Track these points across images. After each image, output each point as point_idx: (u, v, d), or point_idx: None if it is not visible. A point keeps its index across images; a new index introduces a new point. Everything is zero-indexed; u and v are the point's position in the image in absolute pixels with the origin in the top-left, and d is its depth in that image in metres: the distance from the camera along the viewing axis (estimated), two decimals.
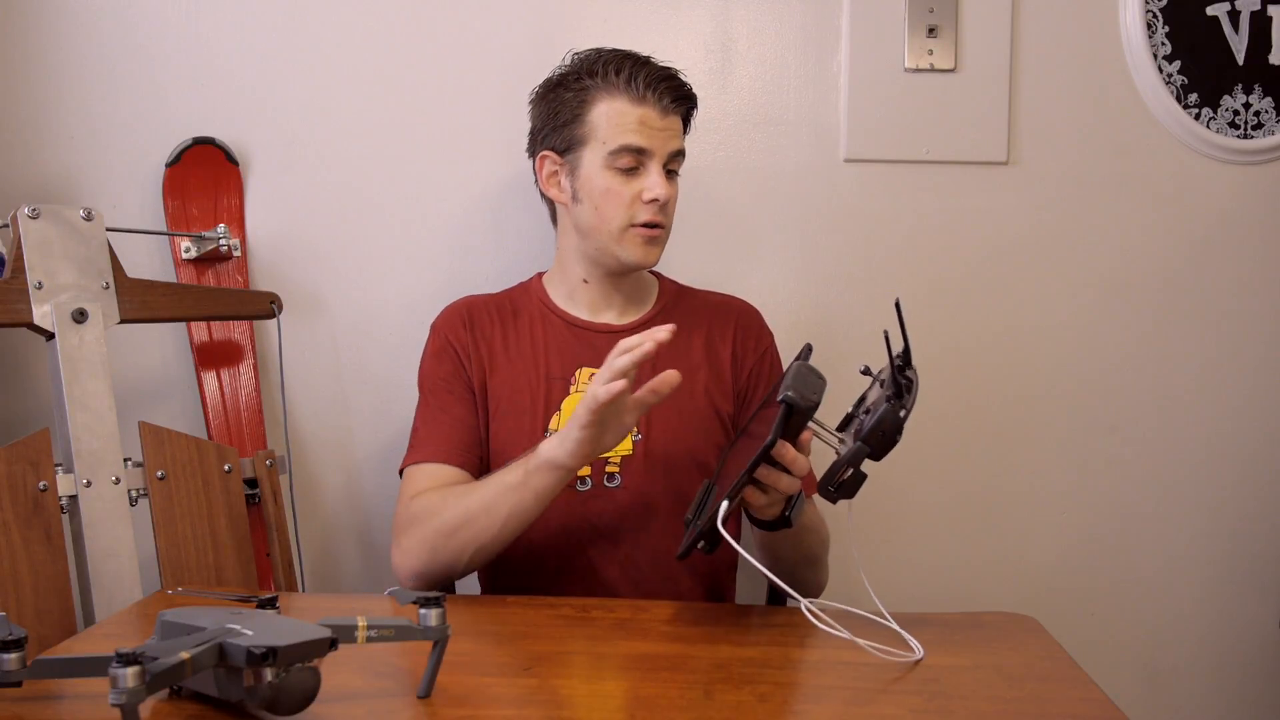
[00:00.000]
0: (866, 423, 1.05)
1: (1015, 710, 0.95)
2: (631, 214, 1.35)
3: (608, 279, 1.42)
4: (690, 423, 1.38)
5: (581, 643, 1.12)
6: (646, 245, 1.36)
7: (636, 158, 1.34)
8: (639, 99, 1.33)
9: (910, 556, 1.75)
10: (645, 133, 1.33)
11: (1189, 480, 1.77)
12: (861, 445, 1.05)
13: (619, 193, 1.34)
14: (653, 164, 1.34)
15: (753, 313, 1.49)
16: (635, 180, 1.34)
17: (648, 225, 1.35)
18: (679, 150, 1.38)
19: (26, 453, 1.33)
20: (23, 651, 0.85)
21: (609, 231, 1.36)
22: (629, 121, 1.33)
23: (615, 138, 1.33)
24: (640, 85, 1.33)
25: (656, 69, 1.36)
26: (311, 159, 1.67)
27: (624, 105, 1.33)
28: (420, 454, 1.36)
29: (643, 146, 1.33)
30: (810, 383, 1.08)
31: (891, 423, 1.03)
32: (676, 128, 1.37)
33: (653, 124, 1.34)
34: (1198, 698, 1.79)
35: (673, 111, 1.36)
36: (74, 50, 1.64)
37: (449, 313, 1.45)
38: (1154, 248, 1.74)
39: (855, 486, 1.07)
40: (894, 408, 1.03)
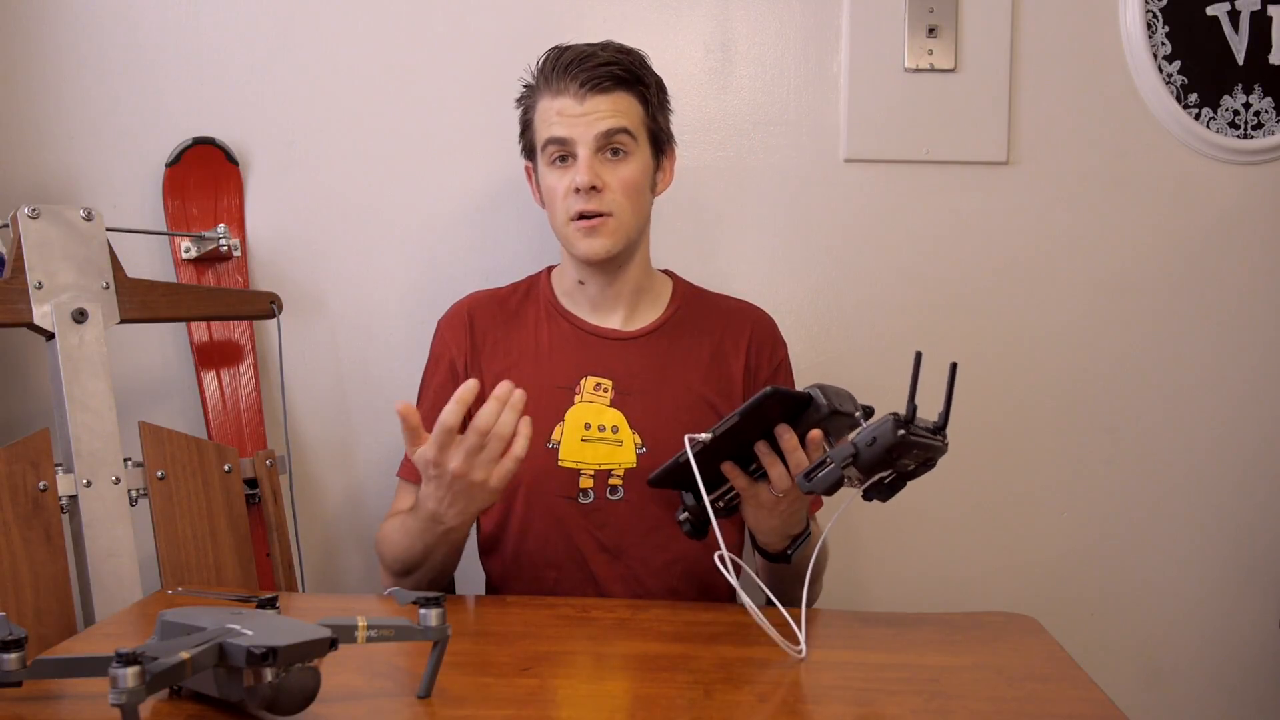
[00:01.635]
0: (865, 428, 1.04)
1: (1015, 710, 0.95)
2: (566, 207, 1.33)
3: (598, 278, 1.39)
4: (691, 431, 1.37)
5: (581, 643, 1.12)
6: (587, 237, 1.33)
7: (561, 148, 1.33)
8: (555, 90, 1.32)
9: (910, 556, 1.75)
10: (563, 122, 1.31)
11: (1189, 480, 1.77)
12: (848, 444, 1.03)
13: (554, 188, 1.34)
14: (579, 150, 1.31)
15: (768, 323, 1.47)
16: (568, 172, 1.33)
17: (583, 216, 1.32)
18: (611, 129, 1.31)
19: (26, 453, 1.33)
20: (23, 651, 0.85)
21: (558, 229, 1.37)
22: (549, 115, 1.33)
23: (542, 134, 1.34)
24: (554, 76, 1.32)
25: (573, 53, 1.33)
26: (311, 159, 1.67)
27: (546, 101, 1.33)
28: (405, 467, 1.40)
29: (560, 136, 1.32)
30: (844, 398, 1.09)
31: (886, 438, 1.01)
32: (603, 108, 1.31)
33: (570, 111, 1.31)
34: (1198, 698, 1.79)
35: (594, 93, 1.31)
36: (74, 50, 1.64)
37: (452, 316, 1.44)
38: (1154, 248, 1.74)
39: (829, 485, 1.05)
40: (895, 423, 1.01)
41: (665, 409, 1.36)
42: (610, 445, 1.34)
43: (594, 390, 1.36)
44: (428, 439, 1.11)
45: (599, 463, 1.34)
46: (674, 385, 1.38)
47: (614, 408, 1.36)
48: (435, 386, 1.41)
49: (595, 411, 1.35)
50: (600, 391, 1.36)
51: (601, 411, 1.35)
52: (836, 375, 1.69)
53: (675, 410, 1.37)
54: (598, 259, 1.34)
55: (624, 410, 1.35)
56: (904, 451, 1.03)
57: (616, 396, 1.36)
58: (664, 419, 1.36)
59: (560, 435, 1.34)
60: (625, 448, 1.34)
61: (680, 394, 1.37)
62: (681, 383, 1.38)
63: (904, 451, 1.03)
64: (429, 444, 1.11)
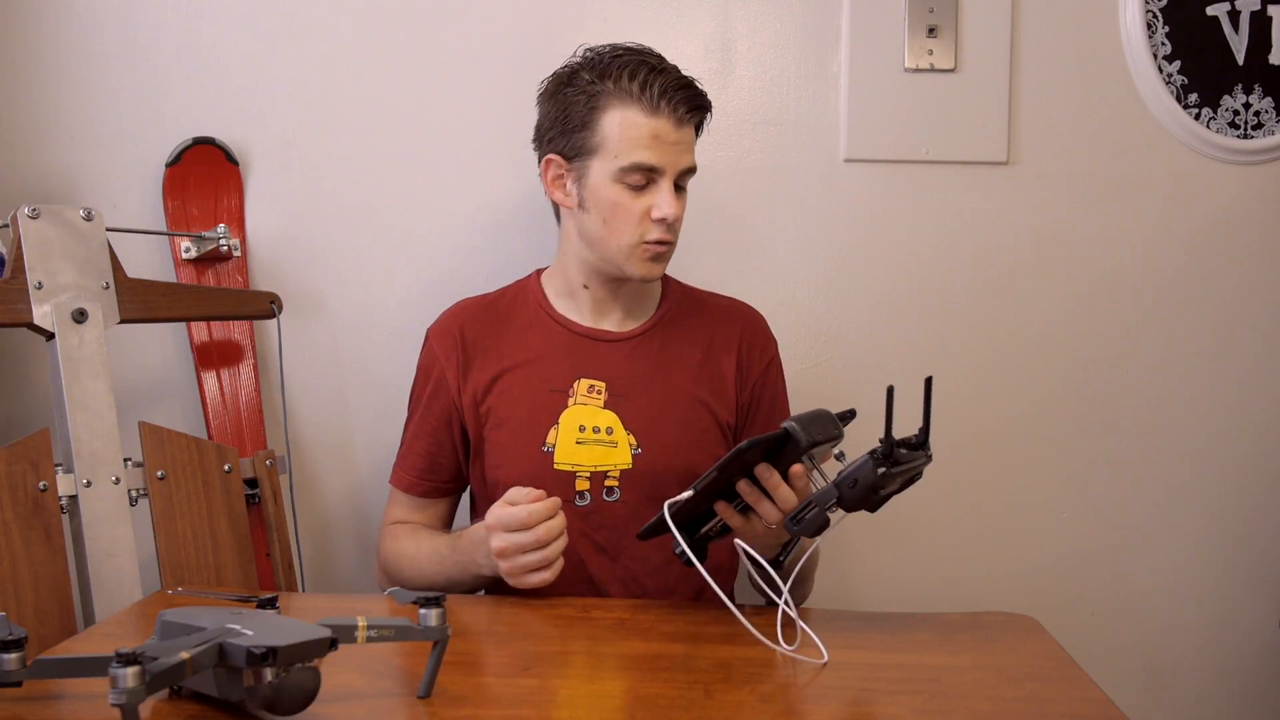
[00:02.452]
0: (845, 470, 1.06)
1: (1015, 710, 0.95)
2: (641, 231, 1.31)
3: (608, 285, 1.39)
4: (689, 435, 1.37)
5: (581, 643, 1.12)
6: (652, 262, 1.33)
7: (647, 175, 1.29)
8: (653, 110, 1.27)
9: (910, 557, 1.75)
10: (658, 148, 1.28)
11: (1189, 480, 1.77)
12: (830, 488, 1.06)
13: (628, 208, 1.30)
14: (664, 181, 1.29)
15: (758, 320, 1.47)
16: (645, 196, 1.30)
17: (656, 242, 1.31)
18: (691, 167, 1.33)
19: (26, 453, 1.33)
20: (23, 651, 0.85)
21: (617, 246, 1.32)
22: (642, 135, 1.27)
23: (627, 153, 1.28)
24: (655, 95, 1.27)
25: (674, 77, 1.30)
26: (311, 159, 1.67)
27: (637, 117, 1.27)
28: (397, 476, 1.45)
29: (655, 165, 1.28)
30: (822, 425, 1.10)
31: (867, 479, 1.04)
32: (689, 140, 1.32)
33: (666, 138, 1.28)
34: (1198, 698, 1.79)
35: (687, 123, 1.30)
36: (74, 50, 1.64)
37: (440, 327, 1.43)
38: (1154, 248, 1.74)
39: (816, 527, 1.08)
40: (874, 463, 1.04)
41: (659, 409, 1.36)
42: (605, 447, 1.34)
43: (587, 392, 1.36)
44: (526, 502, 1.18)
45: (594, 465, 1.34)
46: (667, 386, 1.38)
47: (608, 409, 1.36)
48: (425, 398, 1.41)
49: (589, 413, 1.35)
50: (594, 393, 1.36)
51: (595, 413, 1.35)
52: (836, 375, 1.70)
53: (669, 410, 1.37)
54: (650, 281, 1.36)
55: (618, 412, 1.35)
56: (887, 482, 1.06)
57: (610, 398, 1.36)
58: (658, 419, 1.36)
59: (555, 438, 1.34)
60: (620, 449, 1.34)
61: (673, 394, 1.38)
62: (674, 383, 1.38)
63: (887, 482, 1.06)
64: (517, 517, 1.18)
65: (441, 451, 1.41)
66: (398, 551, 1.38)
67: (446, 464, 1.42)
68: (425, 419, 1.41)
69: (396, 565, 1.38)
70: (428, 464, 1.41)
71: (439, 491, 1.43)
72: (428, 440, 1.41)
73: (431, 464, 1.41)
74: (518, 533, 1.17)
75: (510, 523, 1.17)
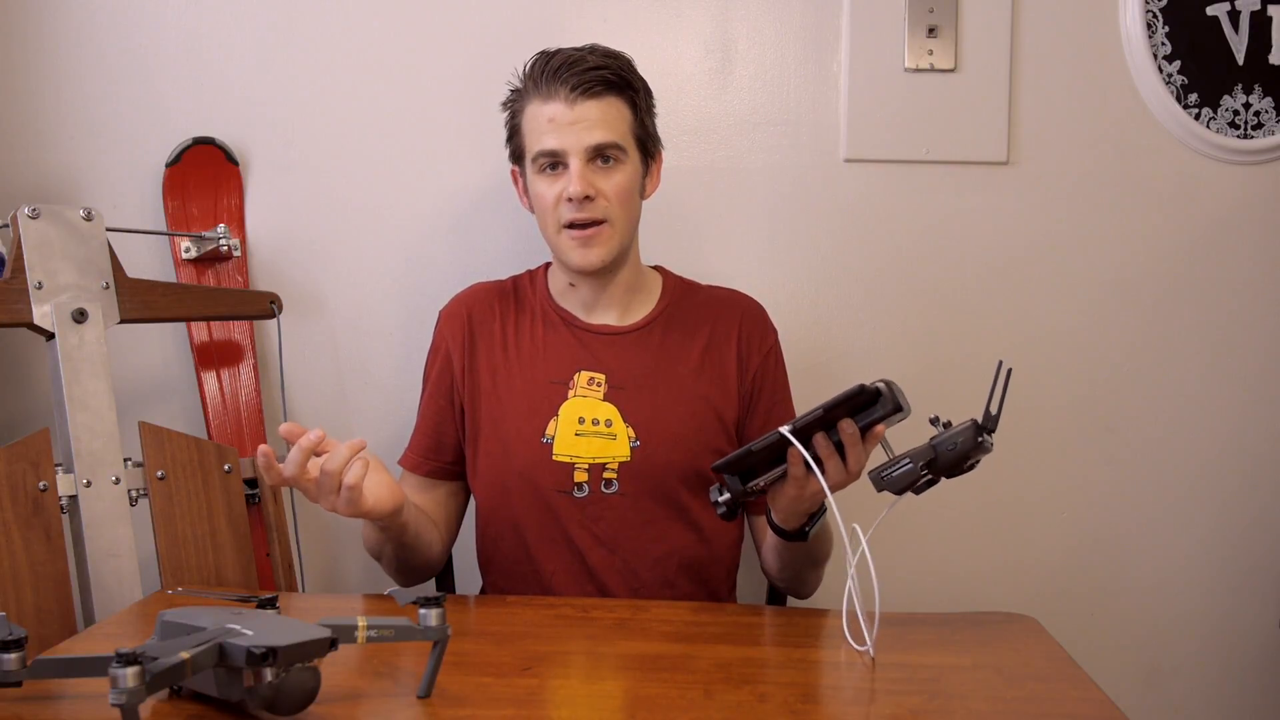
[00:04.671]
0: (944, 434, 1.08)
1: (1015, 710, 0.95)
2: (558, 216, 1.32)
3: (589, 282, 1.39)
4: (688, 428, 1.37)
5: (581, 643, 1.12)
6: (582, 247, 1.33)
7: (552, 158, 1.31)
8: (545, 96, 1.30)
9: (911, 557, 1.75)
10: (555, 131, 1.30)
11: (1189, 481, 1.77)
12: (929, 447, 1.08)
13: (545, 196, 1.33)
14: (571, 160, 1.30)
15: (758, 310, 1.47)
16: (559, 180, 1.32)
17: (576, 226, 1.32)
18: (601, 143, 1.30)
19: (26, 453, 1.33)
20: (23, 651, 0.85)
21: (550, 238, 1.36)
22: (540, 123, 1.31)
23: (533, 144, 1.32)
24: (544, 81, 1.30)
25: (562, 58, 1.30)
26: (311, 159, 1.67)
27: (535, 107, 1.31)
28: (406, 456, 1.45)
29: (551, 148, 1.30)
30: (901, 394, 1.10)
31: (966, 443, 1.07)
32: (593, 115, 1.29)
33: (561, 119, 1.29)
34: (1198, 698, 1.79)
35: (585, 98, 1.29)
36: (74, 50, 1.64)
37: (452, 308, 1.45)
38: (1154, 248, 1.74)
39: (904, 484, 1.09)
40: (977, 429, 1.07)
41: (659, 402, 1.37)
42: (604, 439, 1.35)
43: (587, 385, 1.37)
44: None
45: (593, 456, 1.34)
46: (667, 379, 1.38)
47: (607, 402, 1.36)
48: (433, 378, 1.43)
49: (589, 406, 1.36)
50: (594, 386, 1.37)
51: (595, 406, 1.36)
52: (836, 375, 1.70)
53: (668, 404, 1.37)
54: (593, 269, 1.35)
55: (617, 404, 1.36)
56: (977, 454, 1.09)
57: (610, 391, 1.37)
58: (657, 412, 1.36)
59: (554, 429, 1.35)
60: (619, 441, 1.35)
61: (673, 388, 1.38)
62: (674, 377, 1.39)
63: (977, 454, 1.09)
64: (287, 463, 1.15)
65: (445, 430, 1.41)
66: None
67: (450, 444, 1.42)
68: (433, 397, 1.42)
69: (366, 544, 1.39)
70: (433, 443, 1.42)
71: (444, 473, 1.42)
72: (434, 418, 1.42)
73: (436, 443, 1.42)
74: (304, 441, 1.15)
75: (289, 472, 1.15)
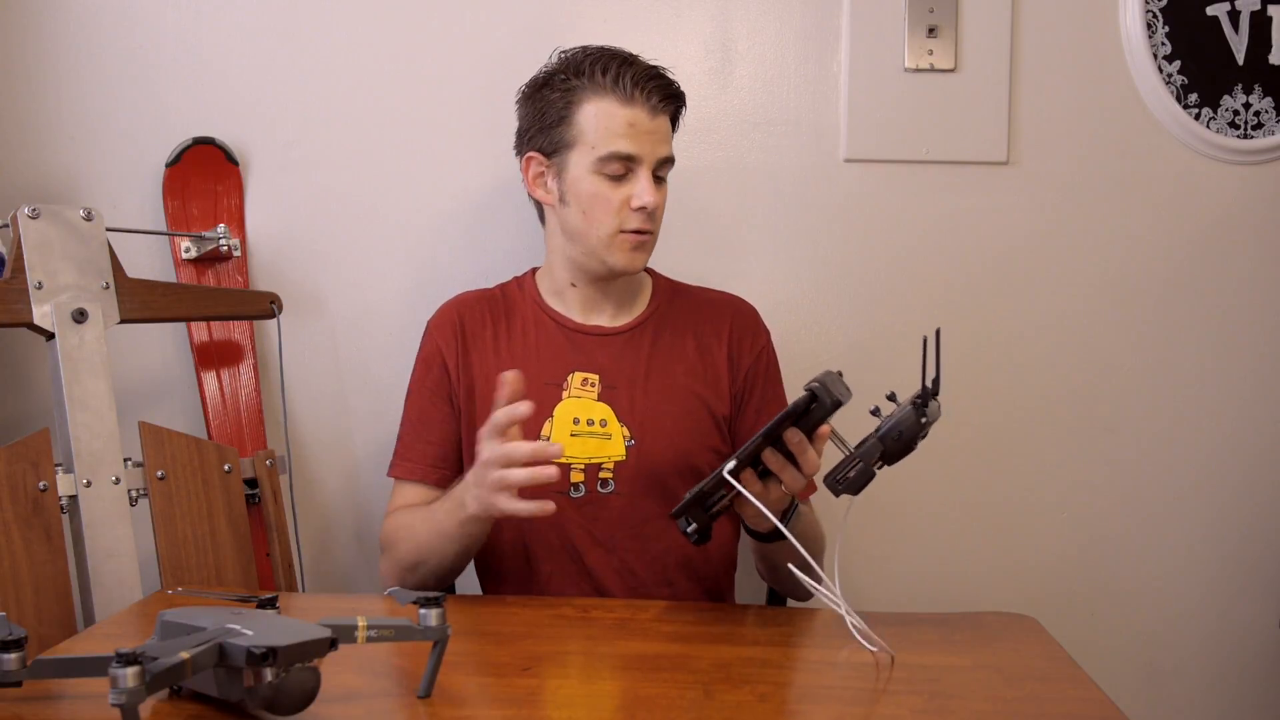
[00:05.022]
0: (886, 423, 1.07)
1: (1015, 710, 0.95)
2: (620, 220, 1.32)
3: (594, 283, 1.40)
4: (683, 427, 1.37)
5: (581, 643, 1.12)
6: (633, 252, 1.34)
7: (625, 164, 1.31)
8: (627, 99, 1.30)
9: (911, 557, 1.75)
10: (634, 137, 1.30)
11: (1189, 480, 1.77)
12: (876, 442, 1.07)
13: (607, 198, 1.32)
14: (642, 170, 1.31)
15: (748, 310, 1.48)
16: (623, 186, 1.32)
17: (636, 232, 1.33)
18: (668, 157, 1.35)
19: (26, 453, 1.33)
20: (23, 651, 0.85)
21: (597, 237, 1.34)
22: (617, 125, 1.30)
23: (604, 143, 1.30)
24: (628, 85, 1.30)
25: (644, 67, 1.32)
26: (311, 159, 1.67)
27: (612, 107, 1.30)
28: (402, 468, 1.41)
29: (632, 153, 1.30)
30: (838, 385, 1.10)
31: (911, 427, 1.06)
32: (665, 130, 1.34)
33: (642, 126, 1.31)
34: (1198, 698, 1.79)
35: (661, 112, 1.33)
36: (74, 50, 1.64)
37: (441, 317, 1.44)
38: (1154, 248, 1.74)
39: (861, 484, 1.08)
40: (917, 412, 1.06)
41: (652, 402, 1.37)
42: (599, 439, 1.35)
43: (581, 385, 1.37)
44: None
45: (589, 456, 1.34)
46: (660, 378, 1.39)
47: (602, 402, 1.37)
48: (430, 386, 1.41)
49: (584, 406, 1.36)
50: (588, 386, 1.37)
51: (590, 406, 1.36)
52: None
53: (662, 403, 1.37)
54: (635, 272, 1.37)
55: (612, 404, 1.37)
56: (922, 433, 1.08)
57: (604, 390, 1.37)
58: (651, 412, 1.37)
59: (550, 430, 1.35)
60: (614, 441, 1.35)
61: (666, 387, 1.38)
62: (667, 376, 1.39)
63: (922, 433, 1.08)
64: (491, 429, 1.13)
65: (450, 440, 1.40)
66: (397, 523, 1.35)
67: (456, 451, 1.41)
68: (433, 407, 1.40)
69: (394, 538, 1.34)
70: (440, 452, 1.40)
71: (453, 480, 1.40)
72: (439, 428, 1.40)
73: (443, 452, 1.40)
74: (509, 443, 1.13)
75: (501, 422, 1.13)
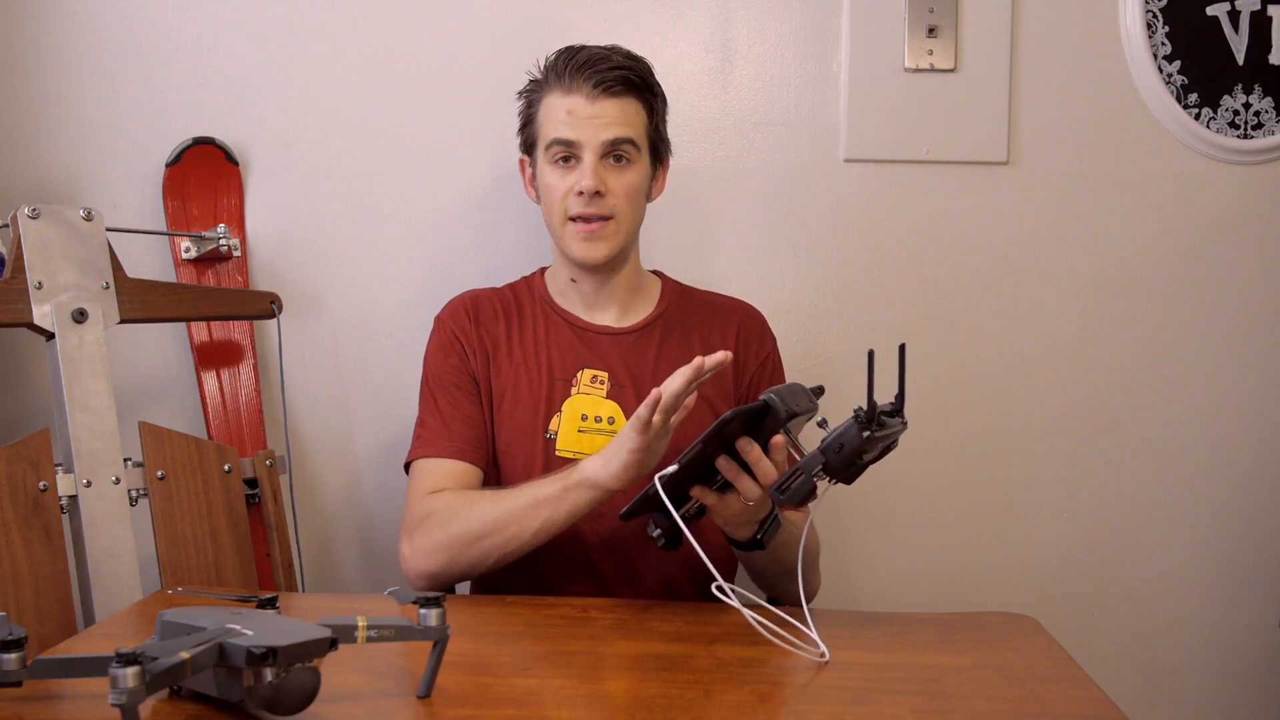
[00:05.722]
0: (830, 434, 1.05)
1: (1015, 710, 0.95)
2: (564, 207, 1.34)
3: (590, 278, 1.41)
4: (691, 429, 1.37)
5: (581, 643, 1.12)
6: (585, 241, 1.35)
7: (567, 149, 1.33)
8: (567, 89, 1.33)
9: (910, 557, 1.75)
10: (572, 123, 1.32)
11: (1189, 480, 1.77)
12: (817, 454, 1.04)
13: (554, 187, 1.35)
14: (585, 154, 1.33)
15: (756, 316, 1.48)
16: (571, 174, 1.34)
17: (583, 220, 1.34)
18: (617, 139, 1.33)
19: (26, 453, 1.33)
20: (23, 651, 0.85)
21: (554, 228, 1.37)
22: (558, 114, 1.33)
23: (548, 133, 1.34)
24: (567, 74, 1.32)
25: (587, 54, 1.33)
26: (311, 159, 1.67)
27: (555, 98, 1.34)
28: (431, 448, 1.35)
29: (568, 138, 1.32)
30: (797, 396, 1.08)
31: (853, 442, 1.02)
32: (612, 113, 1.33)
33: (580, 112, 1.32)
34: (1198, 698, 1.79)
35: (605, 95, 1.32)
36: (74, 50, 1.64)
37: (453, 306, 1.45)
38: (1154, 248, 1.74)
39: (802, 496, 1.06)
40: (859, 425, 1.02)
41: None
42: (606, 436, 1.35)
43: (590, 382, 1.38)
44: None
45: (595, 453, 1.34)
46: (667, 378, 1.38)
47: (610, 399, 1.37)
48: (451, 370, 1.38)
49: (592, 403, 1.36)
50: (596, 384, 1.38)
51: (598, 403, 1.37)
52: (835, 375, 1.70)
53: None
54: (595, 263, 1.36)
55: (620, 402, 1.37)
56: (869, 447, 1.04)
57: (613, 388, 1.38)
58: None
59: (558, 426, 1.36)
60: None
61: None
62: None
63: (869, 447, 1.04)
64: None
65: (480, 416, 1.37)
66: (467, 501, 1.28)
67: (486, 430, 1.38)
68: (459, 390, 1.38)
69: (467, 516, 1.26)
70: (479, 433, 1.37)
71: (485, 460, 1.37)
72: (472, 408, 1.37)
73: (482, 432, 1.37)
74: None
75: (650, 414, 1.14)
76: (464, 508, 1.27)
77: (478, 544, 1.25)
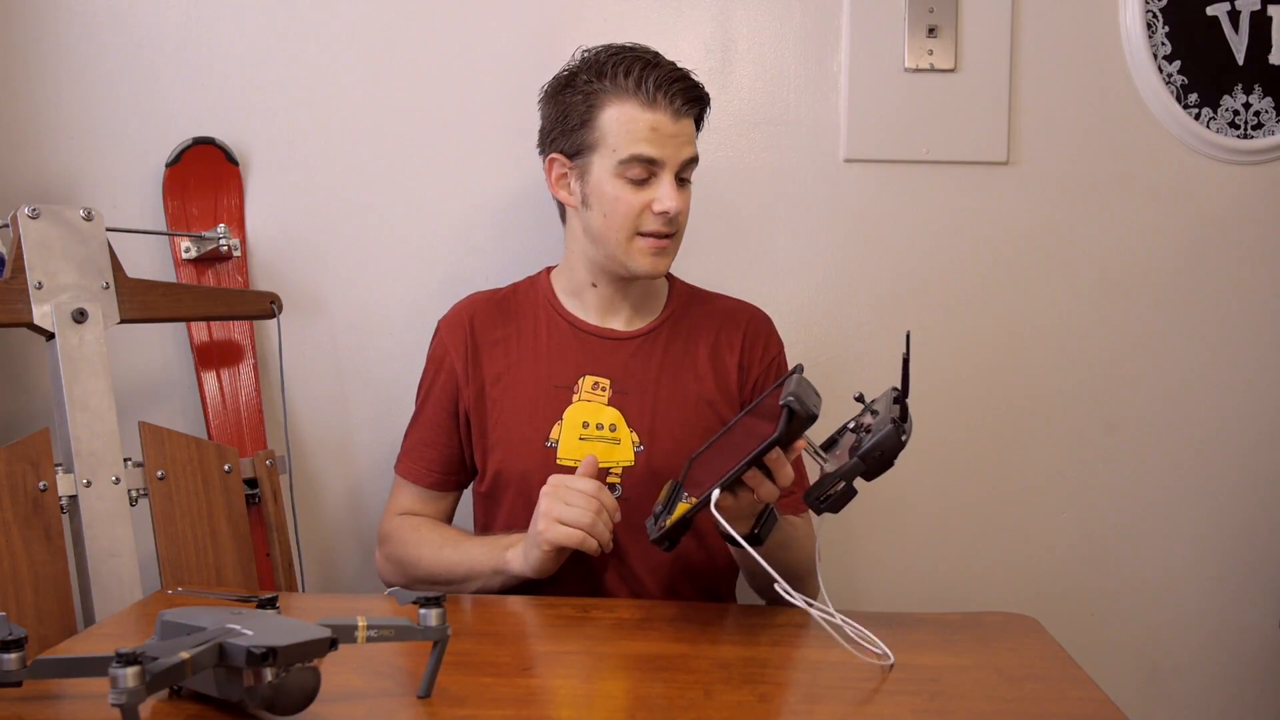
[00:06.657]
0: (866, 441, 1.06)
1: (1015, 710, 0.95)
2: (639, 223, 1.31)
3: (615, 284, 1.39)
4: (693, 433, 1.36)
5: (581, 643, 1.12)
6: (655, 256, 1.33)
7: (648, 168, 1.30)
8: (649, 103, 1.28)
9: (910, 557, 1.75)
10: (657, 141, 1.29)
11: (1189, 480, 1.77)
12: (858, 462, 1.06)
13: (628, 202, 1.30)
14: (664, 174, 1.30)
15: (763, 320, 1.47)
16: (645, 189, 1.30)
17: (656, 236, 1.32)
18: (692, 158, 1.33)
19: (26, 453, 1.33)
20: (23, 651, 0.85)
21: (617, 240, 1.32)
22: (640, 129, 1.28)
23: (626, 146, 1.29)
24: (651, 88, 1.28)
25: (668, 70, 1.31)
26: (311, 159, 1.67)
27: (634, 111, 1.29)
28: (407, 467, 1.45)
29: (654, 157, 1.29)
30: (811, 395, 1.09)
31: (891, 445, 1.05)
32: (689, 133, 1.33)
33: (664, 130, 1.29)
34: (1198, 698, 1.79)
35: (685, 115, 1.31)
36: (74, 50, 1.64)
37: (452, 318, 1.44)
38: (1154, 248, 1.74)
39: (843, 502, 1.08)
40: (896, 430, 1.04)
41: (663, 407, 1.37)
42: (608, 443, 1.34)
43: (592, 389, 1.37)
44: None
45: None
46: (671, 384, 1.38)
47: (612, 406, 1.36)
48: (436, 391, 1.42)
49: (593, 410, 1.36)
50: (598, 390, 1.37)
51: (600, 410, 1.36)
52: (835, 375, 1.70)
53: (673, 408, 1.37)
54: (658, 275, 1.37)
55: (622, 409, 1.36)
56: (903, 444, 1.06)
57: (614, 395, 1.37)
58: (661, 417, 1.36)
59: (559, 434, 1.35)
60: (623, 446, 1.35)
61: (678, 392, 1.38)
62: (679, 381, 1.39)
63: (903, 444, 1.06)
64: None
65: (453, 446, 1.42)
66: (407, 531, 1.40)
67: (458, 458, 1.42)
68: (437, 412, 1.42)
69: (414, 555, 1.37)
70: (443, 458, 1.42)
71: (453, 485, 1.44)
72: (443, 435, 1.42)
73: (446, 458, 1.42)
74: (577, 479, 1.22)
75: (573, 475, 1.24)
76: (414, 548, 1.38)
77: (425, 579, 1.36)
